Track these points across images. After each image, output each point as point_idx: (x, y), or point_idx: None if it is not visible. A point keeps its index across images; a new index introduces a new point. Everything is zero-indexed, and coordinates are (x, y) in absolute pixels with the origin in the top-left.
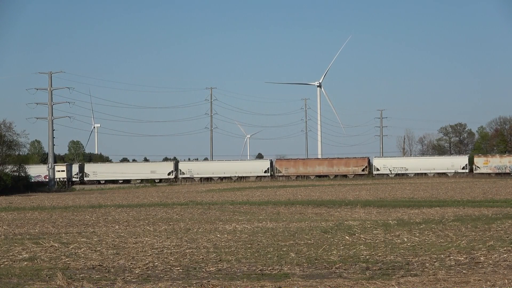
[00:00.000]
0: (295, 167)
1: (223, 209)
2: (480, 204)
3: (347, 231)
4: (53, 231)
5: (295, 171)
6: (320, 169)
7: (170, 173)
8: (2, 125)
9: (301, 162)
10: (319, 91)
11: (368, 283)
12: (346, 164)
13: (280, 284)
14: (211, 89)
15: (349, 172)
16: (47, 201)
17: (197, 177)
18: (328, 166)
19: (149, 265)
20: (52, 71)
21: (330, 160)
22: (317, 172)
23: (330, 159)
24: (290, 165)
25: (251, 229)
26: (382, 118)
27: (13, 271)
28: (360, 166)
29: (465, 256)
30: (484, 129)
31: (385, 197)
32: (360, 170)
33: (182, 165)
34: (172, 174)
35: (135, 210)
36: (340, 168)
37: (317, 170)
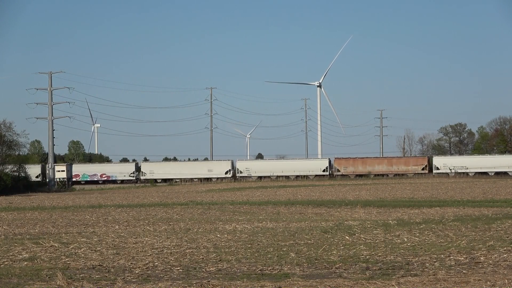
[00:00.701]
0: (354, 166)
1: (223, 209)
2: (480, 204)
3: (347, 231)
4: (53, 231)
5: (353, 170)
6: (379, 168)
7: (228, 172)
8: (2, 125)
9: (360, 161)
10: (319, 91)
11: (368, 283)
12: (406, 163)
13: (280, 284)
14: (211, 89)
15: (409, 171)
16: (47, 201)
17: (255, 176)
18: (388, 165)
19: (149, 265)
20: (52, 71)
21: (390, 159)
22: (376, 171)
23: (390, 158)
24: (349, 164)
25: (251, 229)
26: (382, 118)
27: (13, 271)
28: (420, 165)
29: (465, 256)
30: (484, 129)
31: (385, 197)
32: (420, 169)
33: (240, 164)
34: (229, 173)
35: (135, 210)
36: (399, 167)
37: (376, 169)
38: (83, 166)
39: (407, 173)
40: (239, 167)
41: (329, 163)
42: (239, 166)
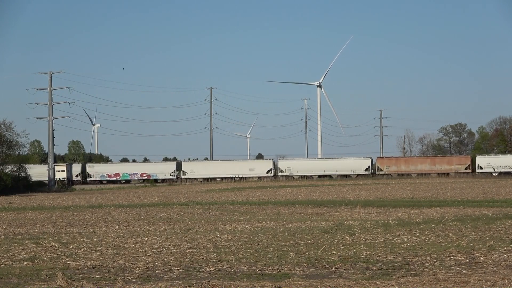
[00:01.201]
0: (396, 165)
1: (223, 209)
2: (480, 204)
3: (347, 231)
4: (53, 231)
5: (396, 169)
6: (422, 167)
7: (269, 171)
8: (2, 125)
9: (402, 160)
10: (319, 91)
11: (368, 283)
12: (449, 162)
13: (280, 284)
14: (211, 89)
15: (452, 170)
16: (47, 201)
17: (296, 175)
18: (431, 164)
19: (149, 265)
20: (52, 71)
21: (433, 158)
22: (419, 170)
23: (433, 157)
24: (391, 163)
25: (251, 229)
26: (382, 118)
27: (13, 271)
28: (463, 164)
29: (465, 256)
30: (484, 129)
31: (385, 197)
32: (463, 168)
33: (281, 163)
34: (270, 172)
35: (135, 210)
36: (442, 166)
37: (419, 168)
38: (125, 165)
39: (450, 172)
40: (280, 166)
41: (372, 162)
42: (280, 165)
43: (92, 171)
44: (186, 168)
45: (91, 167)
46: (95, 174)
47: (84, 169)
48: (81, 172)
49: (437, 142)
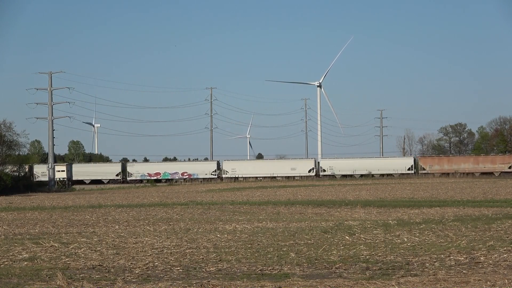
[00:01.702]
0: (439, 164)
1: (223, 209)
2: (480, 204)
3: (347, 231)
4: (53, 231)
5: (439, 168)
6: (465, 167)
7: (311, 170)
8: (2, 125)
9: (445, 159)
10: (319, 91)
11: (368, 283)
12: (492, 161)
13: (280, 284)
14: (211, 89)
15: (496, 169)
16: (47, 201)
17: (338, 174)
18: (474, 163)
19: (149, 265)
20: (52, 71)
21: (476, 157)
22: (462, 170)
23: (476, 156)
24: (434, 162)
25: (251, 229)
26: (382, 118)
27: (13, 271)
28: (507, 164)
29: (465, 256)
30: (484, 129)
31: (385, 197)
32: (507, 167)
33: (324, 162)
34: (312, 171)
35: (135, 210)
36: (486, 165)
37: (462, 168)
38: (166, 164)
39: (494, 172)
40: (322, 165)
41: (414, 161)
42: (322, 164)
43: (132, 170)
44: (227, 167)
45: (131, 166)
46: (135, 173)
47: (124, 168)
48: (121, 171)
49: (437, 142)
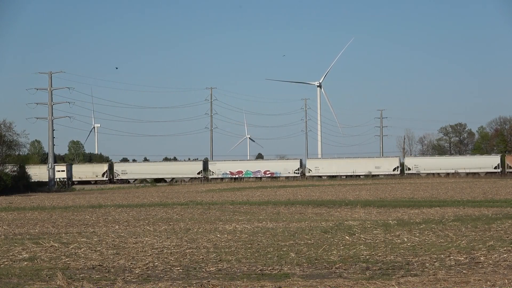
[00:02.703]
0: None
1: (223, 209)
2: (480, 204)
3: (347, 231)
4: (53, 231)
5: None
6: None
7: (395, 169)
8: (2, 125)
9: None
10: (319, 91)
11: (368, 283)
12: None
13: (280, 284)
14: (211, 89)
15: None
16: (47, 201)
17: (424, 173)
18: None
19: (149, 265)
20: (52, 71)
21: None
22: None
23: None
24: None
25: (251, 229)
26: (382, 118)
27: (13, 271)
28: None
29: (465, 256)
30: (484, 129)
31: (385, 197)
32: None
33: (408, 161)
34: (397, 169)
35: (135, 210)
36: None
37: None
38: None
39: None
40: (407, 164)
41: (501, 159)
42: (407, 162)
43: (214, 168)
44: (310, 165)
45: (213, 165)
46: (217, 171)
47: (206, 166)
48: (203, 169)
49: (437, 142)
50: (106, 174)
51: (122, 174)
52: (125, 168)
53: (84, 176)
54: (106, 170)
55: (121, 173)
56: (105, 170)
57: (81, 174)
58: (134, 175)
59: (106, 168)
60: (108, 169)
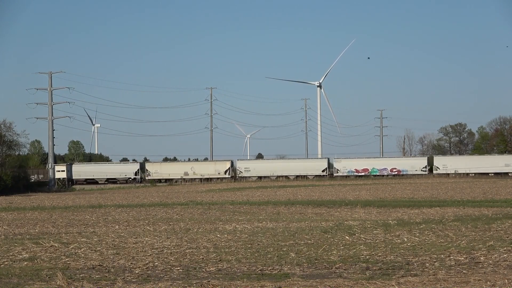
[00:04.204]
0: None
1: (223, 209)
2: (480, 204)
3: (347, 231)
4: (53, 231)
5: None
6: None
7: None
8: (2, 125)
9: None
10: (319, 91)
11: (368, 283)
12: None
13: (280, 284)
14: (211, 89)
15: None
16: (47, 201)
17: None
18: None
19: (149, 265)
20: (52, 71)
21: None
22: None
23: None
24: None
25: (251, 229)
26: (382, 118)
27: (13, 271)
28: None
29: (465, 256)
30: (484, 129)
31: (385, 197)
32: None
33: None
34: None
35: (135, 210)
36: None
37: None
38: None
39: None
40: (436, 163)
41: None
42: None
43: (339, 166)
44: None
45: (338, 162)
46: (342, 169)
47: (330, 164)
48: (327, 167)
49: (437, 142)
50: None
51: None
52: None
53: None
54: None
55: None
56: None
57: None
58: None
59: None
60: None
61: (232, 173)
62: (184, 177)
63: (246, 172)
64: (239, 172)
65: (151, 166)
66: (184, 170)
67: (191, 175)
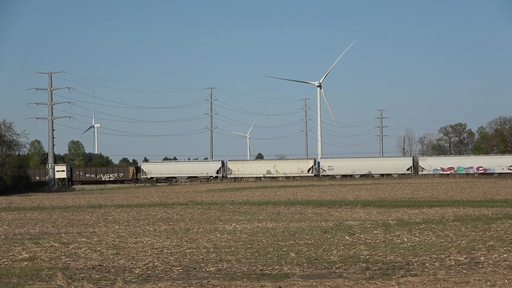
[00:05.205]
0: None
1: (223, 209)
2: (480, 204)
3: (347, 231)
4: (53, 231)
5: None
6: None
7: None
8: (2, 125)
9: None
10: (319, 91)
11: (368, 283)
12: None
13: (280, 284)
14: (211, 89)
15: None
16: (47, 201)
17: None
18: None
19: (149, 265)
20: (52, 71)
21: None
22: None
23: None
24: None
25: (251, 229)
26: (382, 118)
27: (13, 271)
28: None
29: (465, 256)
30: (484, 129)
31: (385, 197)
32: None
33: None
34: None
35: (135, 210)
36: None
37: None
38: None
39: None
40: None
41: None
42: None
43: (424, 164)
44: (423, 164)
45: (423, 161)
46: (427, 167)
47: (415, 161)
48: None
49: (437, 142)
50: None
51: None
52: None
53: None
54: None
55: None
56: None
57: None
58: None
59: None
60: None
61: (315, 171)
62: (266, 175)
63: (330, 171)
64: (322, 170)
65: (233, 165)
66: (266, 168)
67: (273, 174)
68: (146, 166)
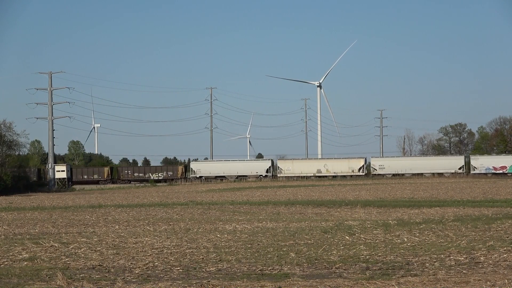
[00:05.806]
0: None
1: (223, 209)
2: (480, 204)
3: (347, 231)
4: (53, 231)
5: None
6: None
7: None
8: (2, 125)
9: None
10: (319, 91)
11: (368, 283)
12: None
13: (280, 284)
14: (211, 89)
15: None
16: (47, 201)
17: None
18: None
19: (149, 265)
20: (52, 71)
21: None
22: None
23: None
24: None
25: (251, 229)
26: (382, 118)
27: (13, 271)
28: None
29: (465, 256)
30: (484, 129)
31: (385, 197)
32: None
33: None
34: None
35: (135, 210)
36: None
37: None
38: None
39: None
40: None
41: None
42: None
43: (476, 163)
44: (474, 163)
45: (475, 159)
46: (479, 166)
47: (468, 161)
48: (464, 164)
49: (437, 142)
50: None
51: None
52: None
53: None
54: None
55: None
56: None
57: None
58: (392, 170)
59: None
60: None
61: (365, 170)
62: (316, 174)
63: (381, 170)
64: (373, 169)
65: (283, 164)
66: (317, 167)
67: (324, 173)
68: (195, 165)
